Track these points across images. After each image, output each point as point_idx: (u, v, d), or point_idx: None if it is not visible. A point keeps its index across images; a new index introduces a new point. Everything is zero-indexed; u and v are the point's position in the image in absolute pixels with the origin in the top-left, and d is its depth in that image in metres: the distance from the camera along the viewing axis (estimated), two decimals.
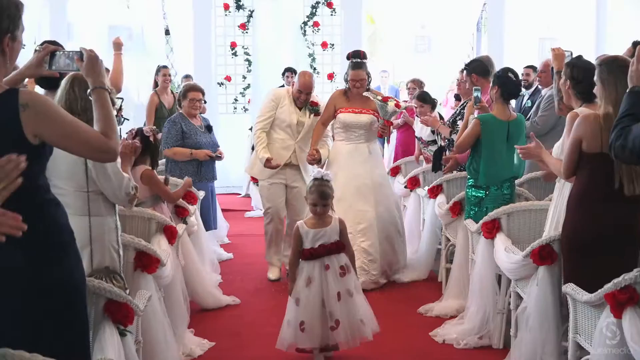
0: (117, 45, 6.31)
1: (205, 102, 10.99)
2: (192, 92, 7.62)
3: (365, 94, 6.81)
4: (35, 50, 3.24)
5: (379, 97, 6.79)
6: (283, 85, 10.89)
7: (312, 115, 7.06)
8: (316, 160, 6.86)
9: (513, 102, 6.63)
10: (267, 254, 7.31)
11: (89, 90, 3.10)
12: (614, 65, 4.06)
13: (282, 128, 7.02)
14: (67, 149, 2.85)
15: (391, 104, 6.62)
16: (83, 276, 3.11)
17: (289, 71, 11.24)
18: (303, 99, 6.98)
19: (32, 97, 2.74)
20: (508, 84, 5.92)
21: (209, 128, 7.76)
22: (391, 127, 7.37)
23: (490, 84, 6.07)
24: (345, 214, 6.16)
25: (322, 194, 4.78)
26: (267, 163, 6.83)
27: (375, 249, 6.75)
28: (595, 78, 4.12)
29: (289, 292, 4.89)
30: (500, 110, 5.91)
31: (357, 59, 6.86)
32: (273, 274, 7.18)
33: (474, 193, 5.92)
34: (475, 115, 6.04)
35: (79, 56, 3.10)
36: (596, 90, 4.14)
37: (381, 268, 6.81)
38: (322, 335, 4.76)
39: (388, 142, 11.11)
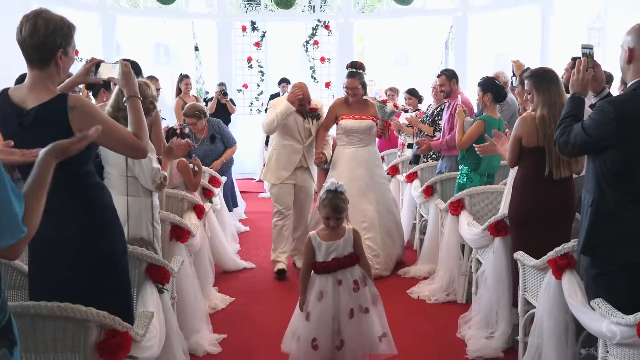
0: None
1: (234, 103, 11.08)
2: (186, 118, 6.94)
3: (365, 97, 6.15)
4: (86, 62, 3.21)
5: (378, 100, 6.23)
6: (278, 94, 10.90)
7: (314, 121, 6.17)
8: (323, 162, 6.17)
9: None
10: (273, 253, 6.28)
11: (124, 98, 3.11)
12: (546, 76, 4.09)
13: (291, 134, 6.08)
14: (105, 145, 2.85)
15: (389, 105, 6.04)
16: (125, 247, 3.12)
17: (284, 81, 11.24)
18: (306, 109, 6.08)
19: (78, 101, 2.74)
20: (499, 89, 5.78)
21: (212, 138, 7.17)
22: (389, 128, 6.40)
23: (481, 92, 5.77)
24: (349, 212, 5.74)
25: (336, 207, 3.75)
26: (292, 96, 5.91)
27: (378, 245, 5.98)
28: (527, 87, 4.12)
29: (299, 305, 3.79)
30: (493, 111, 5.76)
31: (353, 68, 6.13)
32: (279, 267, 6.19)
33: (464, 180, 5.79)
34: (473, 118, 5.91)
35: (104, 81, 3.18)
36: (530, 97, 4.13)
37: (384, 261, 6.05)
38: (331, 352, 3.74)
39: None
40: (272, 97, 10.95)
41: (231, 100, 11.01)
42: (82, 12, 11.43)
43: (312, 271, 3.81)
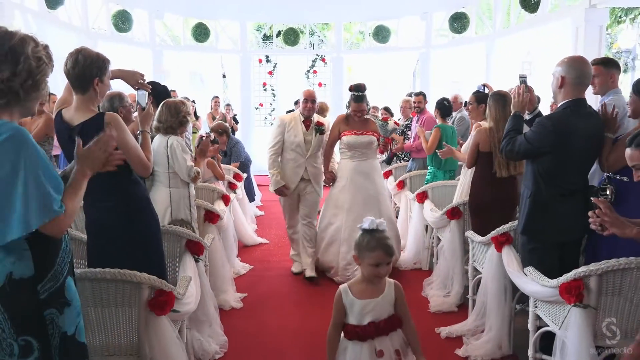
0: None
1: (237, 121, 11.04)
2: (213, 132, 6.71)
3: (367, 115, 5.17)
4: (143, 78, 3.19)
5: (380, 118, 5.31)
6: (293, 111, 10.89)
7: (318, 135, 5.13)
8: (333, 180, 5.23)
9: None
10: (292, 254, 5.49)
11: (137, 132, 3.09)
12: (499, 98, 4.08)
13: (293, 149, 5.06)
14: (126, 156, 2.72)
15: (391, 123, 5.19)
16: (157, 227, 3.09)
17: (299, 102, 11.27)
18: (310, 107, 5.10)
19: (113, 118, 2.72)
20: (445, 108, 5.95)
21: (224, 154, 7.10)
22: (391, 144, 5.37)
23: (435, 109, 6.03)
24: (354, 222, 4.67)
25: (388, 249, 2.31)
26: (283, 189, 5.10)
27: None
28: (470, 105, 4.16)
29: None
30: (445, 121, 5.97)
31: (358, 92, 5.09)
32: (296, 268, 5.36)
33: (430, 178, 5.86)
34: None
35: (141, 108, 3.14)
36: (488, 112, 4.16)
37: None
38: None
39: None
40: (288, 112, 10.94)
41: (234, 117, 11.00)
42: (137, 47, 11.43)
43: (343, 335, 2.39)
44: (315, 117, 5.26)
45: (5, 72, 1.75)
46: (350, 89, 5.16)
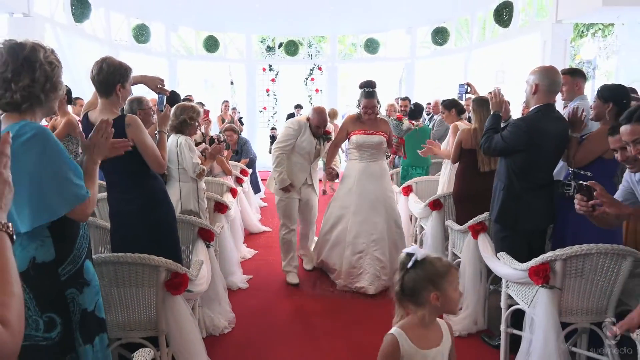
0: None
1: (242, 123, 11.00)
2: (225, 131, 6.74)
3: (380, 115, 4.46)
4: (163, 84, 3.16)
5: (394, 117, 4.63)
6: (293, 114, 10.90)
7: (325, 143, 4.59)
8: (334, 176, 4.64)
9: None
10: (284, 265, 4.67)
11: (156, 132, 3.06)
12: (483, 102, 4.06)
13: (302, 154, 4.45)
14: (143, 154, 2.74)
15: (406, 122, 4.51)
16: (174, 217, 3.08)
17: (298, 107, 11.25)
18: (321, 132, 4.50)
19: (133, 120, 2.69)
20: (411, 112, 6.22)
21: (236, 152, 7.01)
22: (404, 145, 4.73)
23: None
24: (360, 225, 4.41)
25: (452, 263, 1.79)
26: (289, 186, 4.48)
27: (386, 257, 4.36)
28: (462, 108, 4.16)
29: None
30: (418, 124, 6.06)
31: (369, 88, 4.51)
32: (292, 279, 4.57)
33: (404, 173, 5.88)
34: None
35: (160, 109, 3.10)
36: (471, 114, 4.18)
37: (390, 272, 4.26)
38: None
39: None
40: (289, 115, 10.94)
41: (240, 119, 10.97)
42: (155, 57, 11.38)
43: None
44: None
45: (25, 80, 1.73)
46: (361, 86, 4.57)
